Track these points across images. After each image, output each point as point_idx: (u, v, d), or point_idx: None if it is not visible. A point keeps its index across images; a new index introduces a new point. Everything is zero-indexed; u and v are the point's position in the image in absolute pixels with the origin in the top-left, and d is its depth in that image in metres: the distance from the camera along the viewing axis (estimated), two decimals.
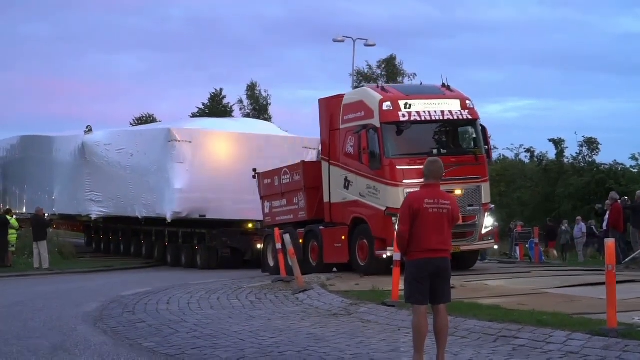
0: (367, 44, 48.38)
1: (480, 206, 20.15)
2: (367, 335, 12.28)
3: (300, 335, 12.53)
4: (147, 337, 12.99)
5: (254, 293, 18.32)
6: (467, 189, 19.97)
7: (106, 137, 35.02)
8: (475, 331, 11.82)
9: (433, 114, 20.12)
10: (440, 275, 9.59)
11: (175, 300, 17.65)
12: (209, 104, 68.64)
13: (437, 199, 9.65)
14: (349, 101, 21.27)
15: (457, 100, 20.62)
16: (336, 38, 47.44)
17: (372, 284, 17.28)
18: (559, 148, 56.80)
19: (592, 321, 11.41)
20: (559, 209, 50.89)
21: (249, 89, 69.34)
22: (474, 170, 20.30)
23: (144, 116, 72.40)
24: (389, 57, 64.75)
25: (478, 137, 20.70)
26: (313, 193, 22.62)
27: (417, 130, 20.05)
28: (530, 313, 12.51)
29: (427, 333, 9.62)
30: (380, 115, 19.79)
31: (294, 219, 23.75)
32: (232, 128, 32.47)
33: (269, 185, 25.24)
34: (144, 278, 25.91)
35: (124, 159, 33.05)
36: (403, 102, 19.99)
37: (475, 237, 20.21)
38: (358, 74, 61.41)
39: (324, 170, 21.94)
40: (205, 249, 31.33)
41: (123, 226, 37.33)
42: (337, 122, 21.41)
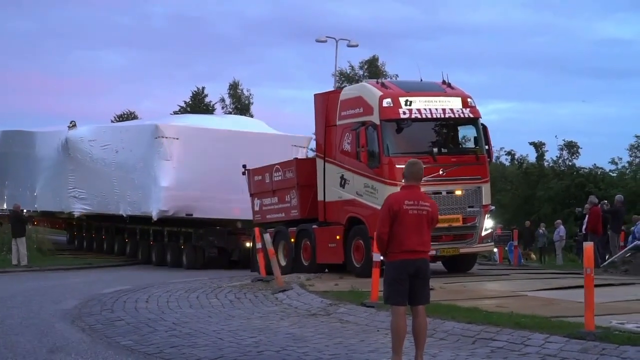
0: (349, 44, 48.42)
1: (480, 207, 19.74)
2: (346, 336, 12.28)
3: (279, 335, 12.51)
4: (125, 335, 12.93)
5: (233, 292, 18.29)
6: (467, 189, 19.61)
7: (90, 133, 34.43)
8: (454, 333, 11.84)
9: (434, 112, 19.66)
10: (420, 276, 9.60)
11: (154, 298, 17.59)
12: (190, 102, 68.55)
13: (417, 201, 9.65)
14: (347, 97, 20.83)
15: (458, 98, 20.15)
16: (319, 38, 47.44)
17: (351, 284, 17.29)
18: (540, 151, 57.09)
19: (570, 324, 11.45)
20: (539, 212, 51.11)
21: (232, 88, 69.41)
22: (474, 170, 19.92)
23: (125, 113, 72.15)
24: (371, 58, 64.98)
25: (479, 137, 20.25)
26: (306, 191, 22.22)
27: (418, 128, 19.63)
28: (508, 315, 12.55)
29: (406, 334, 9.62)
30: (380, 112, 19.32)
31: (285, 218, 23.33)
32: (220, 125, 32.02)
33: (259, 182, 24.84)
34: (124, 276, 25.81)
35: (109, 155, 32.52)
36: (403, 99, 19.50)
37: (475, 239, 19.83)
38: (340, 74, 61.53)
39: (319, 167, 21.53)
40: (192, 249, 30.96)
41: (107, 224, 36.85)
42: (334, 118, 20.95)
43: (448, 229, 19.28)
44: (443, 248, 19.41)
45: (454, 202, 19.40)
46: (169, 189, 29.01)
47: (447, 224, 19.11)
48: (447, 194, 19.33)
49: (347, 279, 19.10)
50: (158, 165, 29.24)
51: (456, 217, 19.40)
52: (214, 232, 30.54)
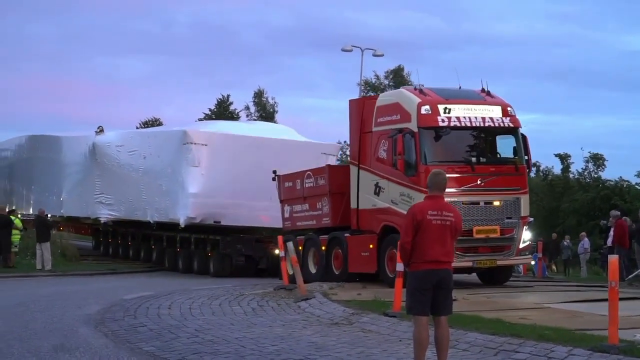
0: (375, 54, 48.41)
1: (518, 219, 19.45)
2: (368, 345, 12.27)
3: (301, 343, 12.52)
4: (147, 341, 12.97)
5: (255, 300, 18.31)
6: (505, 200, 19.33)
7: (118, 138, 34.28)
8: (477, 344, 11.80)
9: (473, 120, 19.40)
10: (442, 286, 9.59)
11: (177, 305, 17.65)
12: (215, 109, 68.75)
13: (441, 211, 9.65)
14: (384, 103, 20.60)
15: (498, 107, 19.89)
16: (344, 47, 47.46)
17: (374, 294, 17.28)
18: (565, 163, 56.91)
19: (594, 337, 11.39)
20: (564, 224, 50.88)
21: (257, 96, 69.58)
22: (513, 181, 19.64)
23: (151, 120, 72.48)
24: (396, 67, 65.06)
25: (519, 147, 19.91)
26: (338, 198, 22.05)
27: (456, 137, 19.39)
28: (532, 327, 12.50)
29: (428, 345, 9.62)
30: (418, 119, 19.04)
31: (316, 225, 23.13)
32: (249, 132, 31.55)
33: (289, 189, 24.63)
34: (147, 283, 25.91)
35: (136, 160, 32.26)
36: (442, 107, 19.23)
37: (513, 251, 19.51)
38: (366, 83, 61.61)
39: (353, 175, 21.28)
40: (219, 256, 30.52)
41: (133, 230, 36.55)
42: (370, 125, 20.68)
43: (485, 240, 19.14)
44: (480, 260, 19.15)
45: (492, 213, 19.20)
46: (196, 196, 28.65)
47: (485, 235, 19.04)
48: (484, 205, 19.15)
49: (370, 289, 19.08)
50: (186, 171, 28.90)
51: (494, 228, 19.18)
52: (241, 239, 30.18)
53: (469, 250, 18.99)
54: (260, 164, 27.79)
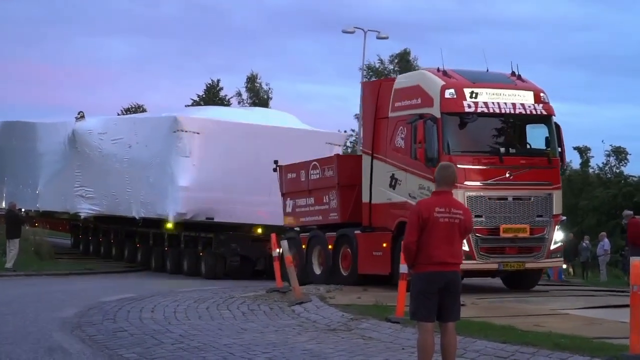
0: (379, 36, 48.41)
1: (550, 217, 19.13)
2: (368, 354, 12.27)
3: (295, 351, 12.52)
4: (128, 348, 12.96)
5: (246, 304, 18.32)
6: (536, 196, 19.05)
7: (100, 125, 33.79)
8: (486, 353, 11.81)
9: (503, 107, 19.02)
10: (450, 290, 9.58)
11: (161, 308, 17.64)
12: (204, 95, 68.80)
13: (449, 208, 9.64)
14: (403, 85, 20.20)
15: (530, 92, 19.52)
16: (346, 29, 47.48)
17: (375, 297, 17.30)
18: (584, 157, 56.96)
19: (614, 346, 11.40)
20: (582, 223, 50.94)
21: (249, 81, 69.72)
22: (545, 175, 19.35)
23: (133, 106, 72.49)
24: (402, 51, 65.17)
25: (552, 137, 19.57)
26: (348, 192, 21.76)
27: (483, 124, 19.09)
28: (546, 335, 12.51)
29: (433, 353, 9.62)
30: (441, 104, 18.68)
31: (322, 221, 22.89)
32: (246, 119, 31.12)
33: (293, 181, 24.35)
34: (129, 284, 25.86)
35: (121, 150, 31.87)
36: (469, 91, 18.88)
37: (543, 253, 19.18)
38: (368, 68, 61.68)
39: (365, 165, 20.92)
40: (211, 256, 30.04)
41: (116, 227, 36.22)
42: (386, 110, 20.33)
43: (513, 240, 18.90)
44: (507, 262, 18.93)
45: (521, 210, 18.95)
46: (187, 190, 28.31)
47: (513, 234, 18.82)
48: (513, 200, 18.90)
49: (371, 292, 19.10)
50: (176, 162, 28.55)
51: (523, 227, 18.92)
52: (236, 238, 29.67)
53: (494, 250, 18.84)
54: (258, 155, 27.63)
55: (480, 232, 18.54)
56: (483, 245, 18.58)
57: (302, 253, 23.08)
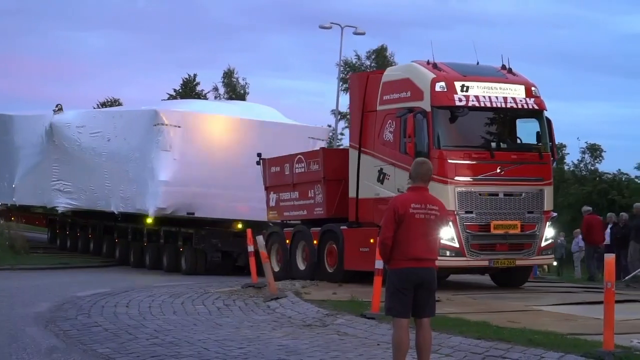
0: (356, 32, 48.43)
1: (541, 214, 18.95)
2: (344, 350, 12.27)
3: (270, 346, 12.50)
4: (102, 343, 12.93)
5: (221, 299, 18.29)
6: (527, 192, 18.81)
7: (79, 118, 33.22)
8: (461, 349, 11.83)
9: (494, 100, 18.75)
10: (425, 286, 9.59)
11: (136, 303, 17.59)
12: (180, 90, 68.58)
13: (425, 204, 9.65)
14: (392, 78, 19.85)
15: (521, 86, 19.25)
16: (323, 24, 47.46)
17: (351, 293, 17.30)
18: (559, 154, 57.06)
19: (588, 342, 11.44)
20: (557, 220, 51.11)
21: (226, 76, 69.56)
22: (537, 170, 19.11)
23: (109, 100, 72.16)
24: (379, 47, 65.14)
25: (543, 132, 19.36)
26: (334, 186, 21.35)
27: (474, 118, 18.85)
28: (521, 331, 12.55)
29: (408, 349, 9.63)
30: (431, 97, 18.37)
31: (307, 216, 22.51)
32: (227, 112, 30.69)
33: (277, 174, 23.93)
34: (104, 278, 25.73)
35: (100, 143, 31.27)
36: (459, 84, 18.58)
37: (534, 250, 18.93)
38: (345, 64, 61.66)
39: (352, 159, 20.58)
40: (192, 252, 29.54)
41: (94, 222, 35.63)
42: (374, 103, 19.97)
43: (504, 236, 18.66)
44: (497, 259, 18.65)
45: (512, 206, 18.72)
46: (168, 184, 27.82)
47: (504, 230, 18.59)
48: (504, 196, 18.66)
49: (346, 288, 19.10)
50: (156, 156, 28.06)
51: (514, 223, 18.69)
52: (217, 233, 29.30)
53: (485, 247, 18.58)
54: (240, 149, 27.37)
55: (471, 229, 18.35)
56: (473, 242, 18.35)
57: (286, 248, 22.74)
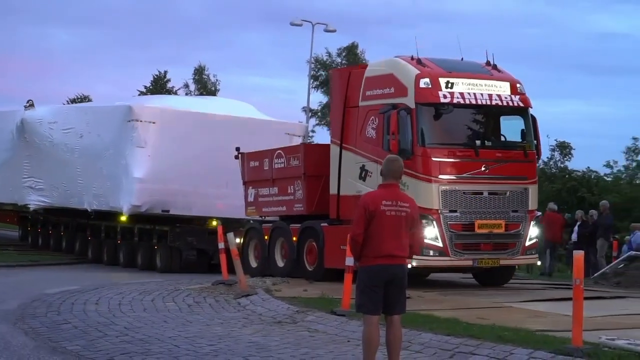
0: (327, 29, 48.45)
1: (526, 213, 18.68)
2: (314, 346, 12.28)
3: (240, 343, 12.50)
4: (72, 340, 12.87)
5: (192, 296, 18.23)
6: (512, 190, 18.56)
7: (51, 114, 32.75)
8: (431, 345, 11.87)
9: (479, 97, 18.47)
10: (396, 283, 9.62)
11: (105, 300, 17.52)
12: (151, 86, 68.30)
13: (396, 201, 9.68)
14: (375, 73, 19.49)
15: (506, 83, 19.00)
16: (294, 21, 47.44)
17: (321, 290, 17.32)
18: None
19: (557, 339, 11.52)
20: None
21: (197, 73, 69.29)
22: (521, 168, 18.86)
23: (79, 97, 71.76)
24: (350, 44, 65.07)
25: (528, 129, 19.09)
26: (314, 182, 21.06)
27: (459, 116, 18.60)
28: (490, 328, 12.61)
29: (379, 346, 9.65)
30: (416, 94, 18.06)
31: (286, 212, 22.22)
32: (203, 108, 30.11)
33: (256, 169, 23.51)
34: (74, 276, 25.56)
35: (72, 140, 30.79)
36: (444, 80, 18.30)
37: (518, 249, 18.65)
38: (316, 61, 61.59)
39: (333, 155, 20.21)
40: (167, 250, 29.01)
41: (67, 219, 35.07)
42: (356, 98, 19.64)
43: (488, 235, 18.38)
44: (482, 258, 18.41)
45: (497, 205, 18.44)
46: (142, 181, 27.34)
47: (488, 230, 18.30)
48: (489, 195, 18.40)
49: (317, 285, 19.12)
50: (130, 153, 27.55)
51: (498, 222, 18.42)
52: (193, 231, 28.78)
53: (469, 247, 18.36)
54: (216, 145, 26.91)
55: (455, 228, 18.07)
56: (457, 241, 18.08)
57: (264, 244, 22.45)
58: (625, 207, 43.12)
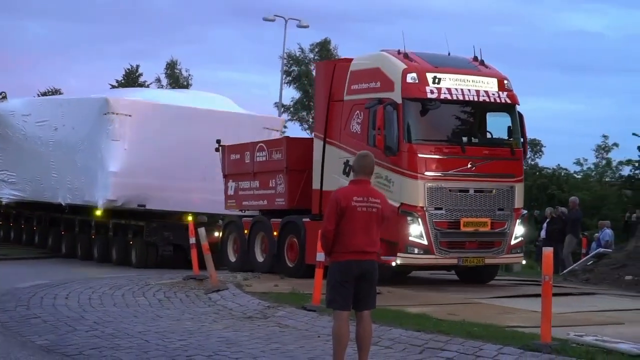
0: (299, 25, 48.43)
1: (512, 211, 18.41)
2: (284, 341, 12.29)
3: (211, 338, 12.49)
4: (41, 334, 12.81)
5: (162, 291, 18.19)
6: (498, 188, 18.26)
7: (24, 106, 32.32)
8: (401, 341, 11.91)
9: (466, 93, 18.18)
10: (366, 279, 9.64)
11: (75, 295, 17.42)
12: (123, 80, 68.03)
13: (367, 197, 9.69)
14: (360, 67, 19.19)
15: (494, 79, 18.74)
16: (267, 17, 47.39)
17: (292, 286, 17.32)
18: None
19: (525, 335, 11.58)
20: None
21: (169, 67, 69.09)
22: (508, 166, 18.62)
23: (50, 90, 71.31)
24: (322, 40, 65.05)
25: (515, 127, 18.81)
26: (296, 177, 20.74)
27: (446, 112, 18.30)
28: (460, 324, 12.66)
29: (349, 341, 9.66)
30: (402, 89, 17.76)
31: (267, 206, 21.86)
32: (180, 101, 29.68)
33: (236, 162, 23.20)
34: (44, 270, 25.38)
35: (46, 133, 30.33)
36: (431, 75, 17.97)
37: (503, 248, 18.41)
38: (289, 57, 61.56)
39: (317, 150, 19.89)
40: (142, 245, 28.54)
41: (40, 213, 34.55)
42: (341, 92, 19.35)
43: (473, 234, 18.19)
44: (467, 257, 18.16)
45: (483, 203, 18.18)
46: (118, 175, 26.83)
47: (474, 228, 18.09)
48: (475, 193, 18.12)
49: (288, 280, 19.12)
50: (106, 146, 27.06)
51: (484, 220, 18.17)
52: (169, 226, 28.37)
53: (454, 245, 18.08)
54: (193, 139, 26.63)
55: (440, 226, 17.77)
56: (443, 239, 17.81)
57: (244, 239, 22.20)
58: (595, 204, 43.52)
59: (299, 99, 63.33)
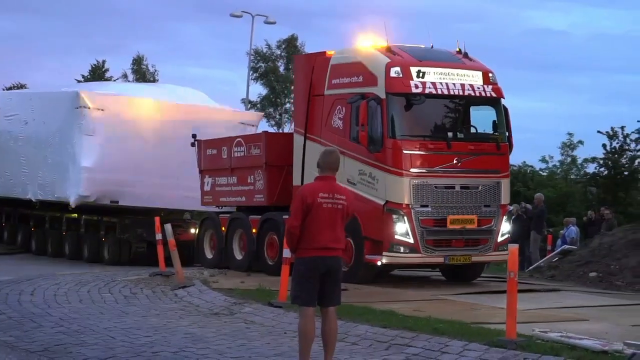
0: (267, 21, 48.42)
1: (498, 207, 18.04)
2: (250, 338, 12.29)
3: (177, 334, 12.46)
4: (6, 331, 12.74)
5: (128, 287, 18.10)
6: (484, 184, 17.87)
7: None
8: (367, 337, 11.93)
9: (451, 88, 17.77)
10: (332, 275, 9.66)
11: (41, 291, 17.31)
12: (89, 76, 67.64)
13: (333, 194, 9.73)
14: (342, 61, 18.73)
15: (479, 72, 18.29)
16: (234, 13, 47.29)
17: (259, 282, 17.31)
18: None
19: (491, 331, 11.65)
20: None
21: (135, 63, 68.76)
22: (494, 161, 18.22)
23: (15, 85, 70.77)
24: (289, 37, 64.94)
25: (500, 121, 18.39)
26: (276, 173, 20.28)
27: (430, 107, 17.87)
28: (426, 320, 12.71)
29: (315, 337, 9.68)
30: (386, 84, 17.33)
31: (246, 202, 21.46)
32: (155, 95, 29.27)
33: (213, 157, 22.76)
34: (9, 267, 25.22)
35: (16, 127, 30.00)
36: (415, 69, 17.55)
37: (490, 245, 18.00)
38: (256, 53, 61.44)
39: (297, 146, 19.45)
40: (115, 242, 28.34)
41: (9, 209, 34.07)
42: (321, 87, 18.92)
43: (460, 231, 17.75)
44: (453, 255, 17.78)
45: (469, 200, 17.81)
46: (91, 170, 26.42)
47: (460, 225, 17.67)
48: (461, 189, 17.75)
49: (255, 276, 19.10)
50: (78, 141, 26.66)
51: (471, 217, 17.77)
52: (142, 223, 27.73)
53: (441, 243, 17.72)
54: (168, 134, 26.48)
55: (426, 224, 17.41)
56: (429, 237, 17.49)
57: (221, 235, 21.82)
58: (560, 201, 43.72)
59: (265, 95, 63.19)
